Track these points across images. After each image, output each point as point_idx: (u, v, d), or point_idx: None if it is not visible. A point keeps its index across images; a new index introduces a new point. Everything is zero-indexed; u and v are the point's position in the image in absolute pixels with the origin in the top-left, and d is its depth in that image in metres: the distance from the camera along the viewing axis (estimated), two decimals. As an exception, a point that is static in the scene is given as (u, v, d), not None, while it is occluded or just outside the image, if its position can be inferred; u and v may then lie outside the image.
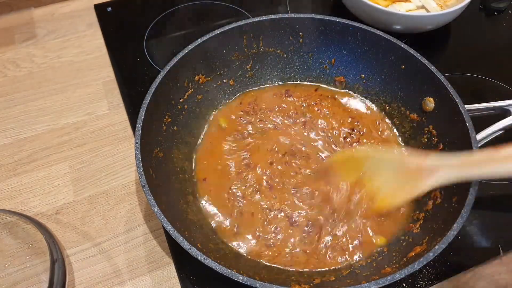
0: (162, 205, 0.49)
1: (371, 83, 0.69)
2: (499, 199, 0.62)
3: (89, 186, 0.64)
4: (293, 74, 0.72)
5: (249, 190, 0.59)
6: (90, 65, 0.81)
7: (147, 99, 0.56)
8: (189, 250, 0.45)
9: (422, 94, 0.61)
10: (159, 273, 0.56)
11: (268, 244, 0.55)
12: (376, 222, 0.56)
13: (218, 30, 0.64)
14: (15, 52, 0.83)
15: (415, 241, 0.51)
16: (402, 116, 0.65)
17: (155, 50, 0.84)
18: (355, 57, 0.68)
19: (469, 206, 0.47)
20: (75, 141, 0.69)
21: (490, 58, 0.82)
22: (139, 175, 0.50)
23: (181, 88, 0.63)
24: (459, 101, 0.55)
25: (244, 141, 0.65)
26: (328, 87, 0.71)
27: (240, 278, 0.43)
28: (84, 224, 0.60)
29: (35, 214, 0.61)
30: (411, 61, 0.61)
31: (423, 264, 0.44)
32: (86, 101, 0.75)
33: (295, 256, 0.54)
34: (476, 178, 0.47)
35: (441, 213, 0.52)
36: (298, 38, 0.69)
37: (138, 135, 0.53)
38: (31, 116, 0.73)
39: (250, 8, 0.91)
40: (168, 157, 0.59)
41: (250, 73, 0.71)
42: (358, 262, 0.53)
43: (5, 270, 0.54)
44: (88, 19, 0.90)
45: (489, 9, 0.91)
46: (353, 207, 0.55)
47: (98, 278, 0.56)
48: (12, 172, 0.66)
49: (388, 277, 0.43)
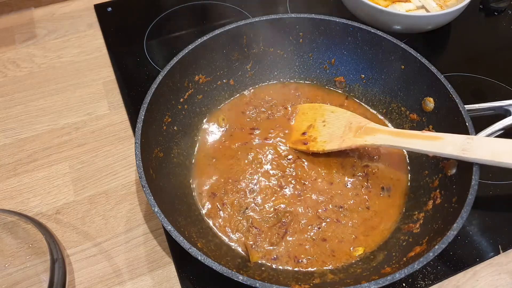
0: (162, 205, 0.49)
1: (371, 83, 0.69)
2: (499, 199, 0.62)
3: (89, 186, 0.64)
4: (293, 74, 0.72)
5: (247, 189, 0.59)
6: (90, 65, 0.81)
7: (147, 99, 0.56)
8: (189, 250, 0.45)
9: (422, 94, 0.61)
10: (159, 273, 0.56)
11: (267, 242, 0.55)
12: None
13: (218, 30, 0.64)
14: (15, 52, 0.84)
15: (415, 241, 0.51)
16: (402, 116, 0.65)
17: (155, 50, 0.84)
18: (355, 57, 0.68)
19: (469, 206, 0.47)
20: (75, 141, 0.70)
21: (490, 58, 0.82)
22: (139, 175, 0.50)
23: (181, 88, 0.63)
24: (459, 101, 0.55)
25: (244, 140, 0.65)
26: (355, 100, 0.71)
27: (240, 278, 0.43)
28: (84, 224, 0.60)
29: (35, 214, 0.61)
30: (411, 61, 0.61)
31: (423, 264, 0.44)
32: (86, 101, 0.75)
33: (295, 255, 0.54)
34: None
35: (441, 213, 0.52)
36: (298, 38, 0.69)
37: (138, 135, 0.53)
38: (31, 116, 0.73)
39: (250, 8, 0.91)
40: (168, 157, 0.59)
41: (250, 73, 0.71)
42: (357, 262, 0.53)
43: (5, 270, 0.54)
44: (88, 19, 0.90)
45: (489, 9, 0.91)
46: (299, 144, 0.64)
47: (98, 278, 0.56)
48: (12, 172, 0.66)
49: (388, 277, 0.43)
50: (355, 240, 0.55)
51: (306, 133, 0.64)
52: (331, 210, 0.58)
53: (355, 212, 0.57)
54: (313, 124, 0.65)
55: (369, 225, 0.56)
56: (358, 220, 0.57)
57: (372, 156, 0.62)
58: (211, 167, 0.62)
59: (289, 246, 0.55)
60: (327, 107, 0.66)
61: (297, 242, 0.55)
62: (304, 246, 0.55)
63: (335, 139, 0.62)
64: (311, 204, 0.58)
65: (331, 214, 0.57)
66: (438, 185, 0.56)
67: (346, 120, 0.63)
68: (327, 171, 0.61)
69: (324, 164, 0.62)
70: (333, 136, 0.62)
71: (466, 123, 0.53)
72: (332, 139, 0.62)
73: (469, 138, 0.50)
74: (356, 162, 0.62)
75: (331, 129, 0.63)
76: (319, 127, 0.64)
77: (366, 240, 0.55)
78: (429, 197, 0.56)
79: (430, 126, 0.61)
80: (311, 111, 0.67)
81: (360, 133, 0.59)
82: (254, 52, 0.69)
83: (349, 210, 0.58)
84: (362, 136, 0.59)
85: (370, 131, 0.59)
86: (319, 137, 0.63)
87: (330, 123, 0.64)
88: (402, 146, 0.56)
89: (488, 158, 0.48)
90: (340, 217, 0.57)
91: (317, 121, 0.65)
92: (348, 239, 0.55)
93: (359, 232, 0.56)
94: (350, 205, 0.58)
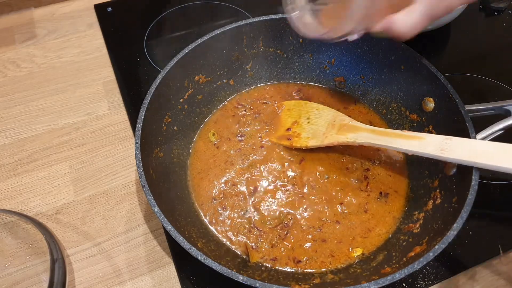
0: (162, 205, 0.49)
1: (371, 83, 0.68)
2: (499, 199, 0.62)
3: (89, 186, 0.64)
4: (293, 74, 0.72)
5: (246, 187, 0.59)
6: (90, 65, 0.81)
7: (147, 99, 0.56)
8: (189, 250, 0.45)
9: (422, 94, 0.61)
10: (159, 273, 0.56)
11: (268, 243, 0.55)
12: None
13: (218, 30, 0.64)
14: (15, 52, 0.84)
15: (415, 241, 0.51)
16: (402, 116, 0.65)
17: (155, 50, 0.84)
18: (355, 57, 0.68)
19: (469, 206, 0.47)
20: (75, 141, 0.70)
21: (490, 58, 0.82)
22: (139, 175, 0.50)
23: (181, 88, 0.63)
24: (459, 101, 0.55)
25: (242, 140, 0.65)
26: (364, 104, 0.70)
27: (240, 278, 0.43)
28: (84, 224, 0.60)
29: (35, 214, 0.61)
30: (411, 61, 0.61)
31: (423, 264, 0.43)
32: (86, 101, 0.75)
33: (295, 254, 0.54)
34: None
35: (441, 213, 0.52)
36: (298, 38, 0.69)
37: (138, 135, 0.53)
38: (31, 116, 0.73)
39: (250, 8, 0.91)
40: (168, 157, 0.59)
41: (250, 73, 0.71)
42: (357, 263, 0.53)
43: (5, 270, 0.54)
44: (88, 19, 0.90)
45: (489, 9, 0.91)
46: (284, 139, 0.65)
47: (98, 278, 0.56)
48: (12, 172, 0.66)
49: (388, 277, 0.43)
50: (353, 242, 0.55)
51: (291, 129, 0.65)
52: (332, 212, 0.58)
53: (354, 214, 0.57)
54: (298, 120, 0.66)
55: (366, 227, 0.56)
56: (356, 222, 0.57)
57: (373, 160, 0.62)
58: (211, 168, 0.62)
59: (289, 246, 0.55)
60: (312, 105, 0.68)
61: (298, 243, 0.55)
62: (304, 246, 0.55)
63: (318, 136, 0.63)
64: (312, 206, 0.58)
65: (332, 216, 0.57)
66: (438, 185, 0.56)
67: (330, 117, 0.64)
68: (325, 170, 0.61)
69: (325, 166, 0.62)
70: (317, 133, 0.63)
71: (466, 123, 0.53)
72: (315, 136, 0.63)
73: (448, 139, 0.51)
74: (357, 165, 0.62)
75: (314, 126, 0.64)
76: (303, 124, 0.66)
77: (364, 241, 0.55)
78: (429, 197, 0.56)
79: (430, 126, 0.60)
80: (296, 107, 0.68)
81: (343, 131, 0.61)
82: (254, 52, 0.69)
83: (348, 212, 0.58)
84: (344, 134, 0.60)
85: (353, 129, 0.60)
86: (303, 133, 0.64)
87: (314, 120, 0.65)
88: (383, 145, 0.57)
89: (465, 158, 0.49)
90: (340, 219, 0.57)
91: (301, 117, 0.67)
92: (346, 240, 0.55)
93: (357, 234, 0.56)
94: (349, 208, 0.58)
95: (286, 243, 0.55)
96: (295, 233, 0.56)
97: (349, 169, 0.62)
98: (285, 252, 0.54)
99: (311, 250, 0.55)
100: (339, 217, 0.57)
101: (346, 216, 0.57)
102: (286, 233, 0.56)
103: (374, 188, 0.60)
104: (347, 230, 0.56)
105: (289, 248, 0.55)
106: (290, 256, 0.54)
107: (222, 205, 0.58)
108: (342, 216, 0.57)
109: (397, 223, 0.57)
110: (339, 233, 0.56)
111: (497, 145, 0.49)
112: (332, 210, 0.58)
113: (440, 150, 0.51)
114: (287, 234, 0.56)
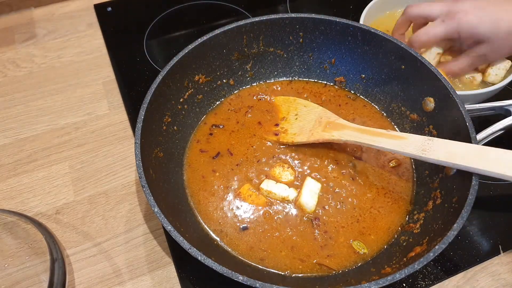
0: (162, 205, 0.49)
1: (371, 83, 0.68)
2: (499, 199, 0.62)
3: (89, 186, 0.64)
4: (293, 74, 0.72)
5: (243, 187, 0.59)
6: (90, 65, 0.81)
7: (147, 99, 0.56)
8: (189, 250, 0.45)
9: (422, 94, 0.61)
10: (159, 273, 0.56)
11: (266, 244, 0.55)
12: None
13: (218, 30, 0.64)
14: (15, 52, 0.84)
15: (415, 241, 0.51)
16: (402, 116, 0.65)
17: (155, 50, 0.84)
18: (355, 57, 0.68)
19: (469, 206, 0.47)
20: (75, 141, 0.69)
21: (490, 58, 0.82)
22: (139, 175, 0.50)
23: (181, 88, 0.63)
24: (459, 101, 0.55)
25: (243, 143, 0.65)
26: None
27: (240, 278, 0.43)
28: (84, 224, 0.60)
29: (35, 214, 0.61)
30: (411, 61, 0.61)
31: (423, 264, 0.43)
32: (86, 101, 0.75)
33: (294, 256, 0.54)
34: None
35: (441, 213, 0.52)
36: (298, 38, 0.69)
37: (138, 135, 0.53)
38: (31, 116, 0.73)
39: (250, 8, 0.91)
40: (168, 157, 0.59)
41: (250, 73, 0.71)
42: (358, 263, 0.53)
43: (5, 270, 0.54)
44: (88, 19, 0.90)
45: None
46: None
47: (98, 278, 0.56)
48: (12, 172, 0.66)
49: (388, 277, 0.43)
50: (355, 240, 0.55)
51: (279, 125, 0.66)
52: (333, 212, 0.58)
53: (359, 213, 0.57)
54: (286, 116, 0.67)
55: (366, 227, 0.56)
56: (361, 221, 0.57)
57: (383, 164, 0.62)
58: (210, 168, 0.62)
59: (289, 247, 0.55)
60: (300, 101, 0.68)
61: (298, 244, 0.55)
62: (304, 247, 0.55)
63: (304, 132, 0.64)
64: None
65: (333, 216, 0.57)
66: (438, 185, 0.56)
67: (317, 114, 0.65)
68: (325, 171, 0.61)
69: (325, 165, 0.62)
70: (303, 129, 0.64)
71: (466, 123, 0.53)
72: (301, 132, 0.64)
73: (429, 139, 0.53)
74: (357, 165, 0.62)
75: (302, 123, 0.65)
76: (291, 120, 0.67)
77: (364, 241, 0.55)
78: (429, 197, 0.56)
79: (430, 126, 0.60)
80: (285, 104, 0.69)
81: (328, 128, 0.62)
82: (254, 52, 0.69)
83: (357, 211, 0.57)
84: (330, 131, 0.61)
85: (338, 127, 0.62)
86: (290, 129, 0.65)
87: (302, 117, 0.66)
88: (367, 143, 0.57)
89: (443, 159, 0.50)
90: (344, 218, 0.57)
91: (290, 114, 0.67)
92: (348, 239, 0.55)
93: (358, 233, 0.56)
94: (356, 207, 0.58)
95: (286, 244, 0.55)
96: (297, 234, 0.56)
97: (344, 166, 0.62)
98: (286, 253, 0.54)
99: (311, 251, 0.54)
100: (343, 217, 0.57)
101: (351, 215, 0.57)
102: (286, 228, 0.56)
103: (374, 188, 0.60)
104: (349, 229, 0.56)
105: (289, 248, 0.55)
106: (290, 257, 0.54)
107: (222, 206, 0.58)
108: (347, 216, 0.57)
109: (397, 223, 0.57)
110: (342, 232, 0.56)
111: (475, 147, 0.50)
112: (336, 209, 0.58)
113: (421, 150, 0.52)
114: (287, 231, 0.56)
